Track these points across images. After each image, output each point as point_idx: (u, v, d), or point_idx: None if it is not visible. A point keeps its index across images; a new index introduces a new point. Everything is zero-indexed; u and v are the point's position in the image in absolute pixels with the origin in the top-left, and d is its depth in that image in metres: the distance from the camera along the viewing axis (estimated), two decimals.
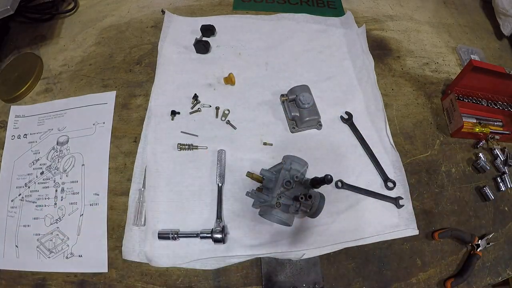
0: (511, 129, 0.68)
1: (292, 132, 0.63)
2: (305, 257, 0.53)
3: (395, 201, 0.57)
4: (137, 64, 0.72)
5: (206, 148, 0.61)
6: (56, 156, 0.62)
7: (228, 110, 0.65)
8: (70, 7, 0.82)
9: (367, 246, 0.55)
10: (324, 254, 0.53)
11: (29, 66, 0.72)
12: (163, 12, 0.79)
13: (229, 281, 0.52)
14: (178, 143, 0.60)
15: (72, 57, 0.74)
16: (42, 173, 0.61)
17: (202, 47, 0.71)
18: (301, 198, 0.46)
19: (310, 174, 0.54)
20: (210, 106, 0.65)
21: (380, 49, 0.78)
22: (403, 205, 0.57)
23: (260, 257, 0.53)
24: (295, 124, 0.63)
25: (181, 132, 0.62)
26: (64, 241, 0.55)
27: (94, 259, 0.53)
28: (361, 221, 0.56)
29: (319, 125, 0.64)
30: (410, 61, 0.77)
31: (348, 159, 0.61)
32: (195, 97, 0.66)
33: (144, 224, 0.54)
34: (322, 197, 0.50)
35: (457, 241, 0.57)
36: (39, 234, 0.56)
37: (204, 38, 0.73)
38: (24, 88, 0.69)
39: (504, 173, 0.63)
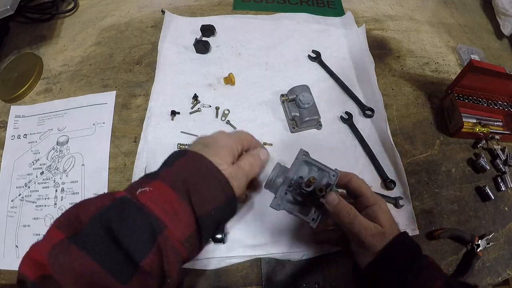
0: (511, 129, 0.68)
1: (292, 132, 0.63)
2: (305, 257, 0.53)
3: (395, 201, 0.57)
4: (137, 64, 0.72)
5: None
6: (56, 156, 0.62)
7: (228, 110, 0.65)
8: (70, 7, 0.82)
9: None
10: (324, 254, 0.53)
11: (29, 66, 0.72)
12: (163, 12, 0.79)
13: (229, 281, 0.52)
14: (178, 143, 0.60)
15: (72, 57, 0.74)
16: (42, 173, 0.61)
17: (202, 47, 0.71)
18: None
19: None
20: (210, 106, 0.65)
21: (380, 49, 0.78)
22: (403, 205, 0.57)
23: (260, 257, 0.53)
24: (295, 124, 0.63)
25: (181, 132, 0.62)
26: None
27: None
28: None
29: (319, 125, 0.64)
30: (410, 61, 0.77)
31: (348, 159, 0.61)
32: (195, 97, 0.66)
33: None
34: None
35: (457, 241, 0.57)
36: (39, 234, 0.56)
37: (204, 38, 0.73)
38: (24, 88, 0.69)
39: (504, 173, 0.63)
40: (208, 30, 0.73)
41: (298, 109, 0.62)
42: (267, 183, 0.49)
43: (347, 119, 0.65)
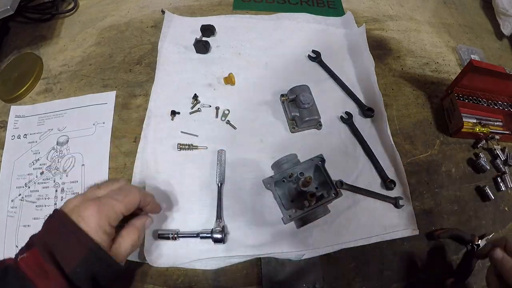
0: (511, 129, 0.68)
1: (292, 132, 0.63)
2: (305, 257, 0.53)
3: (395, 201, 0.57)
4: (137, 64, 0.72)
5: (206, 148, 0.61)
6: (56, 156, 0.62)
7: (228, 110, 0.65)
8: (70, 7, 0.82)
9: (367, 246, 0.55)
10: (324, 254, 0.53)
11: (29, 66, 0.72)
12: (163, 12, 0.79)
13: (229, 281, 0.52)
14: (178, 143, 0.60)
15: (72, 57, 0.74)
16: (42, 173, 0.61)
17: (202, 47, 0.71)
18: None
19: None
20: (210, 106, 0.65)
21: (380, 49, 0.78)
22: (403, 205, 0.57)
23: (260, 257, 0.53)
24: (295, 124, 0.63)
25: (181, 132, 0.62)
26: None
27: None
28: (361, 221, 0.56)
29: (319, 125, 0.64)
30: (410, 61, 0.77)
31: (348, 159, 0.61)
32: (195, 97, 0.66)
33: None
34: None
35: (457, 241, 0.57)
36: None
37: (204, 38, 0.73)
38: (24, 88, 0.69)
39: (504, 173, 0.63)
40: (208, 30, 0.73)
41: (298, 109, 0.62)
42: (274, 163, 0.52)
43: (347, 119, 0.65)
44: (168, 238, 0.52)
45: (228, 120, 0.64)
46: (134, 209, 0.42)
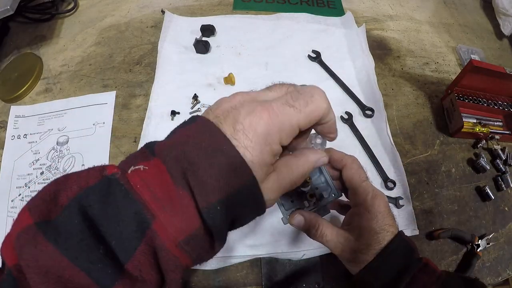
0: (511, 129, 0.68)
1: None
2: (305, 257, 0.53)
3: (395, 201, 0.57)
4: (137, 64, 0.72)
5: None
6: (56, 156, 0.62)
7: None
8: (70, 7, 0.82)
9: None
10: (324, 254, 0.53)
11: (29, 66, 0.72)
12: (163, 12, 0.79)
13: (229, 281, 0.52)
14: None
15: (72, 57, 0.74)
16: (42, 173, 0.61)
17: (202, 47, 0.71)
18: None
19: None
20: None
21: (380, 49, 0.78)
22: (403, 205, 0.57)
23: (260, 257, 0.53)
24: None
25: None
26: None
27: None
28: None
29: None
30: (410, 61, 0.77)
31: None
32: (195, 97, 0.66)
33: None
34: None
35: (457, 241, 0.57)
36: None
37: (204, 38, 0.73)
38: (24, 88, 0.69)
39: (504, 173, 0.63)
40: (208, 30, 0.73)
41: None
42: None
43: (347, 119, 0.65)
44: None
45: None
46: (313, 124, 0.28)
